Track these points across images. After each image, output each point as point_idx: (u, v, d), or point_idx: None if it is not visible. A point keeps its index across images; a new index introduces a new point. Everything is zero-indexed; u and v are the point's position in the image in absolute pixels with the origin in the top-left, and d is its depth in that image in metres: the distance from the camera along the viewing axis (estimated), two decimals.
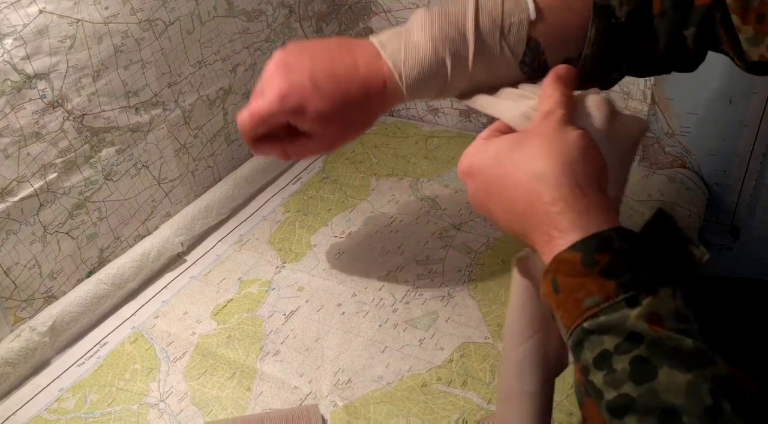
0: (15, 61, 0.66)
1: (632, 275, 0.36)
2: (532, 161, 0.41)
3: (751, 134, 0.91)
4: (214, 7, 0.88)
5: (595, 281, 0.36)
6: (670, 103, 0.94)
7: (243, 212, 0.96)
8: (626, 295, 0.35)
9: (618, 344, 0.34)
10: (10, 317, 0.72)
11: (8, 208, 0.69)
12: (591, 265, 0.36)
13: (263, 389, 0.68)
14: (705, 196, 0.96)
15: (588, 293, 0.36)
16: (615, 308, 0.35)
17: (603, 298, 0.35)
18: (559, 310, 0.38)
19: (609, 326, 0.35)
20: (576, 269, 0.37)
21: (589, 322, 0.36)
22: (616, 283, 0.35)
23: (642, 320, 0.34)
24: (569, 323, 0.37)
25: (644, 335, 0.34)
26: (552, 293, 0.38)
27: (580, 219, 0.38)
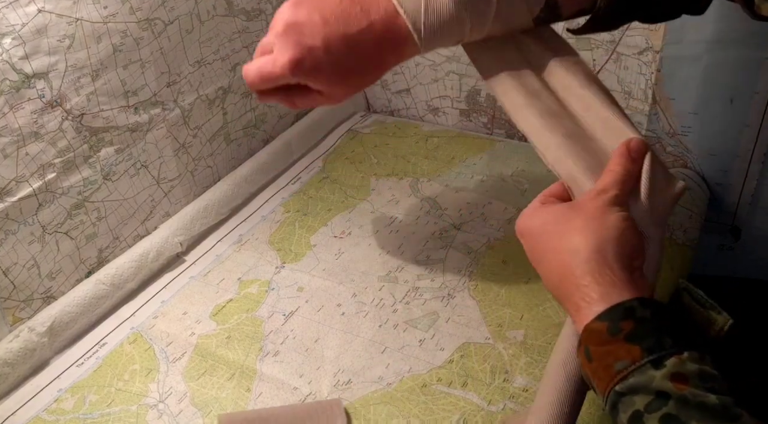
0: (14, 61, 0.66)
1: (655, 339, 0.39)
2: (570, 236, 0.45)
3: (753, 134, 0.91)
4: (214, 7, 0.88)
5: (621, 347, 0.39)
6: (671, 103, 0.94)
7: (242, 211, 0.96)
8: (651, 357, 0.38)
9: (648, 404, 0.37)
10: (8, 317, 0.71)
11: (7, 209, 0.68)
12: (616, 332, 0.39)
13: (263, 390, 0.67)
14: (706, 196, 0.96)
15: (616, 358, 0.39)
16: (642, 370, 0.38)
17: (630, 362, 0.38)
18: (594, 378, 0.41)
19: (638, 387, 0.37)
20: (603, 337, 0.40)
21: (620, 385, 0.38)
22: (641, 347, 0.38)
23: (667, 380, 0.37)
24: (603, 388, 0.40)
25: (671, 393, 0.36)
26: (587, 362, 0.41)
27: (606, 292, 0.42)
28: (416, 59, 1.11)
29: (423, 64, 1.11)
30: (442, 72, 1.10)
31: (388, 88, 1.18)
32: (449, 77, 1.10)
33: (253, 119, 1.02)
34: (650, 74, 0.93)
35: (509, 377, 0.66)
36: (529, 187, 0.95)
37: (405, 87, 1.16)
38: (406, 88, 1.16)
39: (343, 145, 1.10)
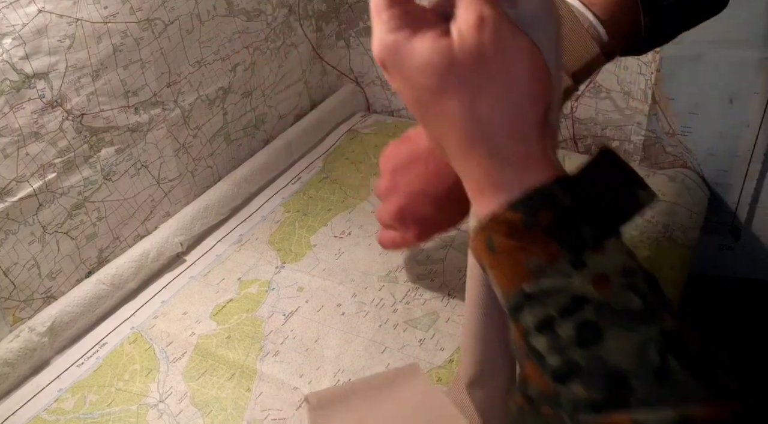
0: (14, 61, 0.66)
1: (576, 232, 0.33)
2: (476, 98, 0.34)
3: (752, 134, 0.91)
4: (214, 7, 0.88)
5: (536, 242, 0.33)
6: (671, 103, 0.94)
7: (242, 211, 0.96)
8: (570, 257, 0.33)
9: (562, 309, 0.32)
10: (9, 317, 0.71)
11: (7, 209, 0.68)
12: (532, 225, 0.33)
13: (263, 390, 0.67)
14: (706, 196, 0.96)
15: (529, 255, 0.33)
16: (558, 270, 0.33)
17: (546, 261, 0.33)
18: (494, 270, 0.35)
19: (553, 291, 0.32)
20: (516, 230, 0.33)
21: (531, 286, 0.33)
22: (559, 244, 0.33)
23: (588, 282, 0.32)
24: (507, 286, 0.34)
25: (591, 298, 0.32)
26: (486, 250, 0.35)
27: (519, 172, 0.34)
28: None
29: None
30: None
31: (388, 88, 1.18)
32: None
33: (253, 119, 1.02)
34: (650, 74, 0.93)
35: None
36: None
37: None
38: None
39: (343, 145, 1.10)
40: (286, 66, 1.06)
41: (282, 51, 1.04)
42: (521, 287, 0.33)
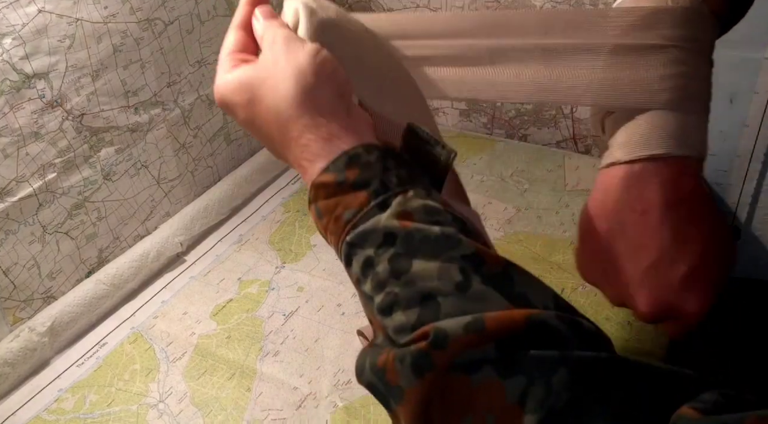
0: (14, 61, 0.66)
1: (380, 181, 0.37)
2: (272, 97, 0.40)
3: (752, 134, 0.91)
4: (214, 7, 0.88)
5: (349, 195, 0.37)
6: None
7: (243, 211, 0.96)
8: (377, 200, 0.37)
9: (377, 248, 0.36)
10: (9, 317, 0.71)
11: (7, 209, 0.68)
12: (342, 181, 0.38)
13: (263, 390, 0.67)
14: None
15: (345, 208, 0.37)
16: (369, 215, 0.36)
17: (358, 208, 0.37)
18: (328, 235, 0.39)
19: (367, 233, 0.36)
20: (331, 190, 0.38)
21: (351, 235, 0.37)
22: (367, 192, 0.37)
23: (393, 219, 0.36)
24: (337, 242, 0.38)
25: (396, 232, 0.35)
26: (318, 220, 0.39)
27: (327, 145, 0.39)
28: None
29: None
30: None
31: None
32: None
33: None
34: None
35: None
36: (529, 187, 0.95)
37: None
38: None
39: None
40: None
41: None
42: (345, 238, 0.37)
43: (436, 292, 0.33)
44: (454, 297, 0.33)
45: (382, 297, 0.35)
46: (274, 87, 0.40)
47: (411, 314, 0.33)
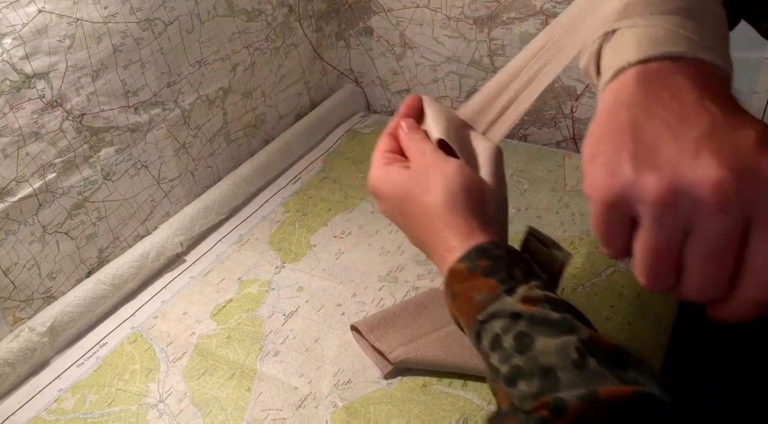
0: (14, 61, 0.66)
1: (508, 272, 0.44)
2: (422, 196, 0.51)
3: None
4: (214, 7, 0.88)
5: (480, 281, 0.44)
6: None
7: (243, 211, 0.96)
8: (505, 287, 0.43)
9: (504, 326, 0.41)
10: (9, 317, 0.71)
11: (7, 209, 0.68)
12: (474, 269, 0.45)
13: (263, 390, 0.67)
14: None
15: (477, 291, 0.44)
16: (498, 299, 0.43)
17: (488, 293, 0.43)
18: (461, 314, 0.45)
19: (495, 313, 0.42)
20: (464, 275, 0.45)
21: (481, 314, 0.43)
22: (496, 279, 0.44)
23: (519, 303, 0.42)
24: (468, 321, 0.44)
25: (521, 313, 0.41)
26: (452, 301, 0.46)
27: (464, 240, 0.47)
28: (416, 59, 1.12)
29: (423, 64, 1.11)
30: (442, 72, 1.11)
31: (388, 88, 1.18)
32: (449, 77, 1.10)
33: (253, 119, 1.02)
34: None
35: None
36: (529, 187, 0.95)
37: (405, 87, 1.16)
38: (406, 88, 1.16)
39: (343, 145, 1.10)
40: (286, 66, 1.06)
41: (282, 51, 1.04)
42: (476, 317, 0.43)
43: (555, 367, 0.38)
44: (572, 374, 0.37)
45: (508, 369, 0.40)
46: (425, 191, 0.51)
47: (533, 385, 0.38)
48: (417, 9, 1.07)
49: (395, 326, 0.70)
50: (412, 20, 1.08)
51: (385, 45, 1.14)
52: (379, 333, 0.69)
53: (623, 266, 0.79)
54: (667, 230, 0.32)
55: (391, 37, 1.12)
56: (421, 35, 1.09)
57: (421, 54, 1.11)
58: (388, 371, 0.68)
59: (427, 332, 0.69)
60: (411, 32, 1.10)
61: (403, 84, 1.16)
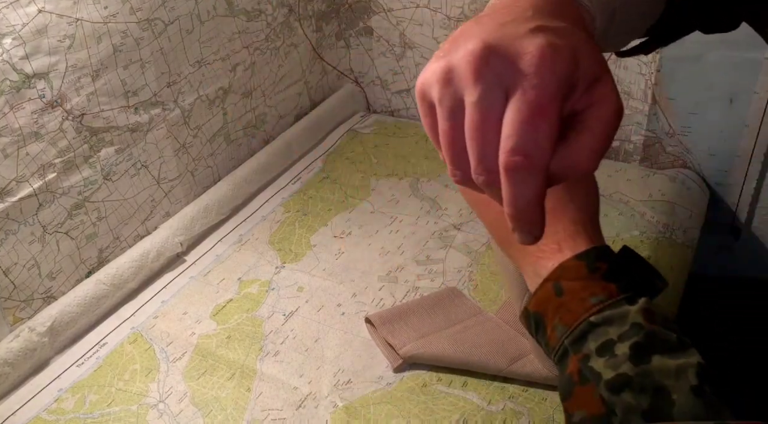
0: (14, 61, 0.66)
1: (629, 279, 0.42)
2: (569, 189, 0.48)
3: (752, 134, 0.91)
4: (214, 7, 0.88)
5: (599, 283, 0.42)
6: (671, 103, 0.94)
7: (243, 211, 0.96)
8: (626, 295, 0.41)
9: (622, 333, 0.39)
10: (9, 317, 0.71)
11: (7, 209, 0.68)
12: (594, 270, 0.43)
13: (263, 390, 0.67)
14: (706, 196, 0.96)
15: (593, 293, 0.42)
16: (617, 305, 0.41)
17: (607, 297, 0.41)
18: (560, 311, 0.43)
19: (613, 319, 0.40)
20: (581, 273, 0.43)
21: (596, 316, 0.41)
22: (617, 285, 0.42)
23: (640, 315, 0.40)
24: (572, 321, 0.42)
25: (643, 326, 0.39)
26: (553, 296, 0.43)
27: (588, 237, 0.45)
28: (416, 59, 1.12)
29: (423, 64, 1.11)
30: None
31: (388, 88, 1.18)
32: None
33: (253, 119, 1.02)
34: (650, 74, 0.93)
35: (509, 377, 0.66)
36: None
37: (405, 87, 1.16)
38: (406, 88, 1.16)
39: (343, 145, 1.10)
40: (286, 66, 1.06)
41: (282, 51, 1.04)
42: (588, 319, 0.41)
43: (671, 388, 0.37)
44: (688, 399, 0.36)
45: (614, 376, 0.38)
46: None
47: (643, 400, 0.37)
48: (417, 9, 1.07)
49: (409, 321, 0.71)
50: (412, 20, 1.08)
51: (385, 45, 1.14)
52: (391, 327, 0.71)
53: None
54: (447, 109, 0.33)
55: (391, 37, 1.12)
56: (421, 35, 1.09)
57: (421, 54, 1.11)
58: (397, 365, 0.68)
59: (439, 328, 0.70)
60: (411, 32, 1.10)
61: (403, 84, 1.16)
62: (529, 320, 0.45)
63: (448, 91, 0.32)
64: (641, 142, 0.98)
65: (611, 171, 0.96)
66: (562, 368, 0.42)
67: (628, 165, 0.99)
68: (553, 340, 0.43)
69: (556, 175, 0.32)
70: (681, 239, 0.85)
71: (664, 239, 0.84)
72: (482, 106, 0.32)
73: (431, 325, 0.71)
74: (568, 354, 0.42)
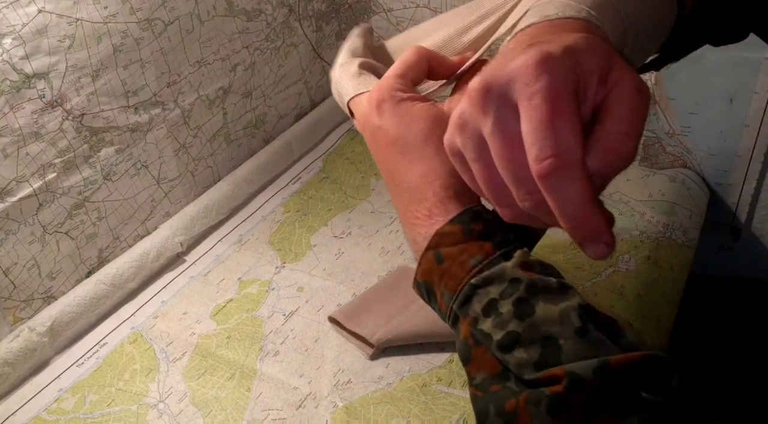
0: (14, 61, 0.66)
1: (503, 235, 0.42)
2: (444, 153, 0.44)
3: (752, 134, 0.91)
4: (214, 7, 0.88)
5: (474, 244, 0.42)
6: (671, 103, 0.94)
7: (243, 211, 0.96)
8: (501, 251, 0.41)
9: (502, 291, 0.39)
10: (9, 317, 0.71)
11: (7, 209, 0.68)
12: (469, 233, 0.42)
13: (263, 390, 0.67)
14: (706, 196, 0.96)
15: (471, 255, 0.41)
16: (495, 263, 0.41)
17: (484, 256, 0.41)
18: (444, 277, 0.43)
19: (493, 278, 0.40)
20: (458, 238, 0.42)
21: (476, 278, 0.40)
22: (492, 243, 0.41)
23: (517, 268, 0.40)
24: (456, 285, 0.42)
25: (521, 279, 0.39)
26: (435, 265, 0.43)
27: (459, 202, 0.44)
28: None
29: None
30: None
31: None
32: None
33: (253, 119, 1.02)
34: (650, 74, 0.93)
35: None
36: None
37: None
38: None
39: (343, 145, 1.10)
40: (286, 66, 1.06)
41: (282, 51, 1.04)
42: (469, 281, 0.41)
43: (557, 335, 0.36)
44: (575, 342, 0.36)
45: (503, 335, 0.38)
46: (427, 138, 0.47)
47: (533, 353, 0.37)
48: (417, 9, 1.07)
49: (371, 309, 0.73)
50: (412, 20, 1.08)
51: None
52: (357, 320, 0.72)
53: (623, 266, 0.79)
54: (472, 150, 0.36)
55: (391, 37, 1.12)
56: None
57: None
58: (371, 353, 0.70)
59: (400, 308, 0.72)
60: None
61: None
62: (421, 289, 0.45)
63: (466, 134, 0.36)
64: (641, 142, 0.98)
65: None
66: (457, 333, 0.42)
67: None
68: (443, 306, 0.43)
69: (598, 172, 0.33)
70: (681, 239, 0.85)
71: (664, 239, 0.84)
72: (499, 130, 0.34)
73: (393, 307, 0.73)
74: (458, 319, 0.42)
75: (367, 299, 0.75)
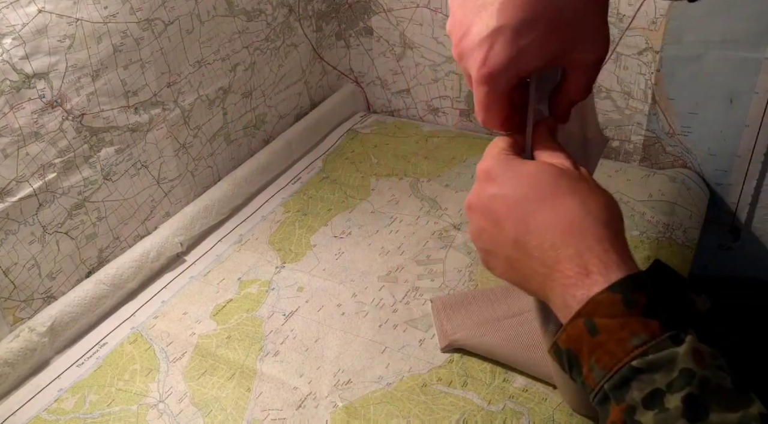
0: (14, 61, 0.66)
1: (672, 313, 0.37)
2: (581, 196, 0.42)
3: (752, 134, 0.91)
4: (214, 7, 0.88)
5: (638, 321, 0.37)
6: (671, 103, 0.94)
7: (243, 211, 0.96)
8: (670, 333, 0.36)
9: (670, 382, 0.35)
10: (9, 317, 0.71)
11: (7, 209, 0.68)
12: (632, 305, 0.37)
13: (263, 390, 0.67)
14: (706, 196, 0.96)
15: (633, 332, 0.36)
16: (663, 347, 0.36)
17: (649, 337, 0.36)
18: (597, 352, 0.38)
19: (660, 364, 0.35)
20: (617, 310, 0.37)
21: (638, 360, 0.36)
22: (659, 322, 0.36)
23: (689, 357, 0.35)
24: (611, 364, 0.37)
25: (694, 372, 0.35)
26: (586, 335, 0.38)
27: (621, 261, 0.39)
28: (416, 59, 1.12)
29: (423, 64, 1.11)
30: (442, 72, 1.10)
31: (388, 88, 1.18)
32: (449, 77, 1.10)
33: (253, 119, 1.02)
34: (650, 74, 0.93)
35: (509, 377, 0.66)
36: None
37: (405, 87, 1.16)
38: (406, 88, 1.16)
39: (343, 145, 1.10)
40: (286, 66, 1.06)
41: (282, 51, 1.04)
42: (630, 363, 0.36)
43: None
44: None
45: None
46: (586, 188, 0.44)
47: None
48: (417, 9, 1.07)
49: (469, 307, 0.73)
50: (412, 20, 1.08)
51: (385, 45, 1.14)
52: (450, 312, 0.73)
53: None
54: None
55: (391, 37, 1.12)
56: (421, 35, 1.09)
57: (421, 54, 1.11)
58: (443, 346, 0.70)
59: (497, 317, 0.71)
60: (411, 32, 1.10)
61: (403, 84, 1.16)
62: (561, 356, 0.40)
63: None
64: (641, 142, 0.99)
65: (611, 171, 0.96)
66: (604, 414, 0.38)
67: (628, 165, 1.00)
68: (590, 381, 0.38)
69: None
70: (681, 239, 0.85)
71: (664, 239, 0.84)
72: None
73: (490, 313, 0.72)
74: (608, 400, 0.37)
75: (472, 296, 0.74)
